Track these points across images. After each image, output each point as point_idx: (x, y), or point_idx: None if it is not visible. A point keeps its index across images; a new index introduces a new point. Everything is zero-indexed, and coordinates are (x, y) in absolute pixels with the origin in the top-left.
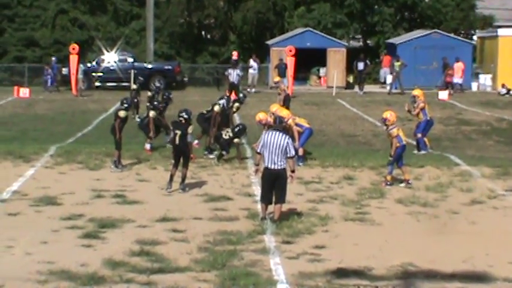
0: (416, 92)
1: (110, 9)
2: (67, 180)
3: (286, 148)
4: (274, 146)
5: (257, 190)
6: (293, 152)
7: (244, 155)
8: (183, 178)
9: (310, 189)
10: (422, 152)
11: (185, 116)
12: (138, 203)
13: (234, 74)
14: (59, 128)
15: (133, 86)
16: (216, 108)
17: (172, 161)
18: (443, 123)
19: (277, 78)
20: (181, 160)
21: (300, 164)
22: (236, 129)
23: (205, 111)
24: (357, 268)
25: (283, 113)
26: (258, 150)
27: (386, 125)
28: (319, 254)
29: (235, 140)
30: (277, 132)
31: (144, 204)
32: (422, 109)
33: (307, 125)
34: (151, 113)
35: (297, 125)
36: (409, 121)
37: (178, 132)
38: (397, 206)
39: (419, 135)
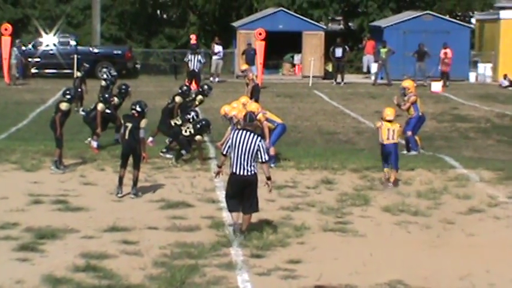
0: (407, 83)
1: None
2: None
3: (257, 152)
4: (243, 148)
5: (222, 195)
6: (266, 157)
7: (207, 155)
8: (135, 181)
9: (283, 195)
10: (413, 152)
11: (138, 109)
12: (83, 210)
13: (194, 61)
14: None
15: (77, 74)
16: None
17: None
18: (437, 119)
19: (244, 66)
20: (132, 159)
21: (272, 165)
22: (198, 125)
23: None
24: (338, 286)
25: (252, 106)
26: (224, 152)
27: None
28: (294, 269)
29: (197, 138)
30: (248, 133)
31: (90, 212)
32: (414, 103)
33: (279, 121)
34: (100, 106)
35: (267, 120)
36: (397, 117)
37: (129, 125)
38: (383, 215)
39: (409, 133)
